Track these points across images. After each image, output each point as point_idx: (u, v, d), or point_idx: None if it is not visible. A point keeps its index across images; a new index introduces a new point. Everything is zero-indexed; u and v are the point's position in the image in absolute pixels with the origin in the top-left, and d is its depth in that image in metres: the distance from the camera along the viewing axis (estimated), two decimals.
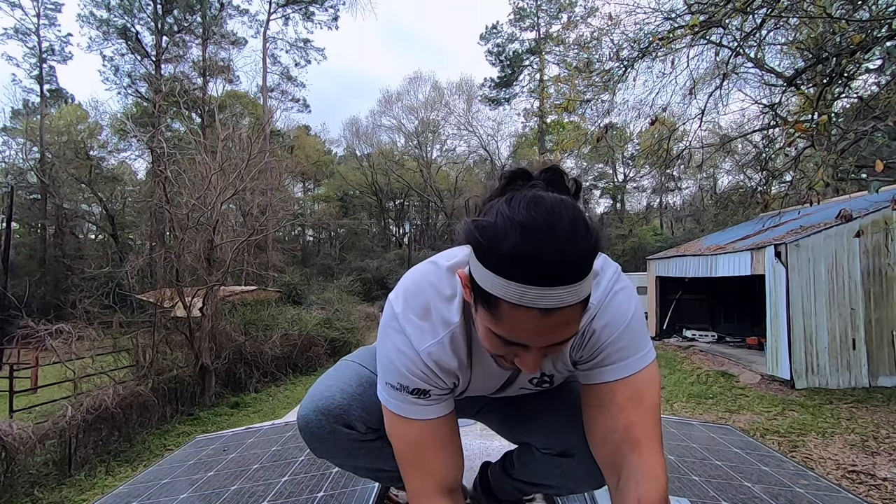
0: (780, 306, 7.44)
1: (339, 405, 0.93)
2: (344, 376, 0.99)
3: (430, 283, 0.83)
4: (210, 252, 9.48)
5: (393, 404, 0.85)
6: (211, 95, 24.60)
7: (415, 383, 0.81)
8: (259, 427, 2.34)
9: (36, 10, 23.92)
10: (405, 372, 0.81)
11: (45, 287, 20.01)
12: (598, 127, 7.55)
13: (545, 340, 0.66)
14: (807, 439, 4.98)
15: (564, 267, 0.60)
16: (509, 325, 0.65)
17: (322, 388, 0.97)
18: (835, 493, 1.46)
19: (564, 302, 0.61)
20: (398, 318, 0.81)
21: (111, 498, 1.62)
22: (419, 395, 0.83)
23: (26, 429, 5.50)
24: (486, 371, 0.87)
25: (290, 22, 28.46)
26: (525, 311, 0.62)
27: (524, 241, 0.60)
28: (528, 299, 0.61)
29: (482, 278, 0.65)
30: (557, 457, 0.96)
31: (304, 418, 0.95)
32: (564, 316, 0.63)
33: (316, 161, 32.40)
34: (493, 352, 0.72)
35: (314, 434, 0.95)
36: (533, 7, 29.27)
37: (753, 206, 10.62)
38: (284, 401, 8.88)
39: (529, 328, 0.64)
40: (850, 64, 4.05)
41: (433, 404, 0.84)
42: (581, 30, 8.07)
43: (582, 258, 0.62)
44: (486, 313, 0.67)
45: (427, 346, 0.79)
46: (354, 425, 0.94)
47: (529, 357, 0.68)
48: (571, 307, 0.63)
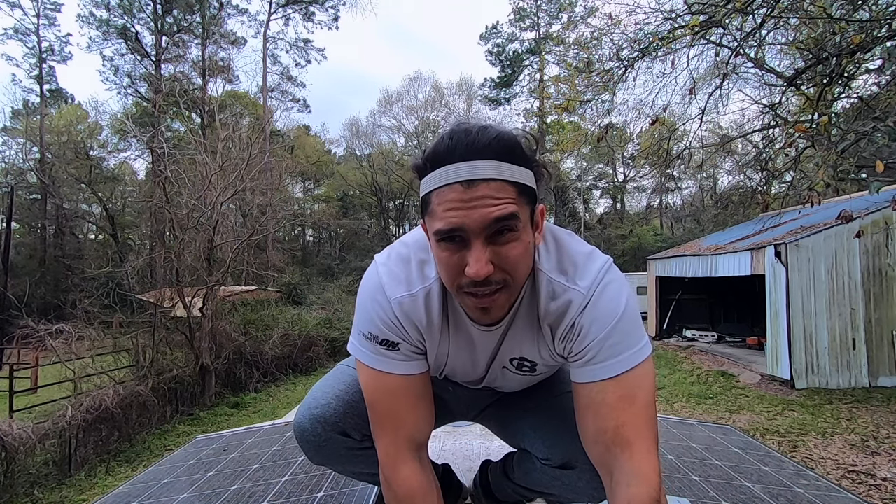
0: (780, 306, 7.44)
1: (335, 413, 0.92)
2: (340, 383, 0.97)
3: (416, 241, 0.86)
4: (210, 252, 9.47)
5: (364, 355, 0.85)
6: (211, 95, 24.60)
7: (384, 333, 0.82)
8: (259, 427, 2.33)
9: (36, 10, 23.93)
10: (376, 320, 0.82)
11: (45, 287, 20.00)
12: (599, 127, 7.55)
13: (475, 216, 0.66)
14: (807, 439, 4.98)
15: (480, 142, 0.66)
16: (442, 213, 0.67)
17: (318, 395, 0.95)
18: (835, 493, 1.46)
19: (485, 174, 0.66)
20: (377, 268, 0.84)
21: (111, 498, 1.61)
22: (388, 347, 0.82)
23: (26, 429, 5.49)
24: (463, 343, 0.86)
25: (290, 22, 28.50)
26: (449, 189, 0.67)
27: (444, 138, 0.69)
28: (449, 176, 0.67)
29: (422, 190, 0.71)
30: (558, 469, 0.94)
31: (299, 426, 0.93)
32: (490, 188, 0.66)
33: (316, 161, 32.39)
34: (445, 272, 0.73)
35: (310, 442, 0.93)
36: (533, 7, 29.27)
37: (754, 207, 10.62)
38: (284, 401, 8.88)
39: (458, 205, 0.66)
40: (850, 64, 4.05)
41: (404, 360, 0.83)
42: (581, 30, 8.07)
43: (499, 140, 0.67)
44: (428, 219, 0.71)
45: (399, 297, 0.80)
46: (350, 433, 0.93)
47: (471, 254, 0.68)
48: (497, 181, 0.66)
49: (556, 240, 0.82)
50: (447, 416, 1.13)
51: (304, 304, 15.76)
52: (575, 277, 0.78)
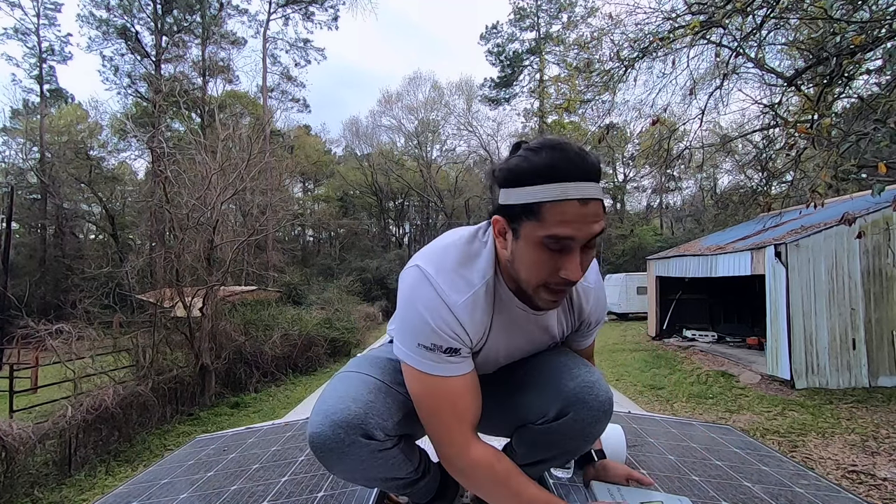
0: (780, 306, 7.44)
1: (357, 415, 0.88)
2: (352, 387, 0.94)
3: (455, 245, 0.93)
4: (210, 252, 9.48)
5: (426, 365, 0.88)
6: (211, 95, 24.61)
7: (448, 342, 0.87)
8: (259, 427, 2.33)
9: (36, 10, 23.95)
10: (440, 331, 0.86)
11: (45, 287, 20.01)
12: (599, 127, 7.56)
13: (585, 231, 0.79)
14: (807, 439, 4.98)
15: (589, 167, 0.79)
16: (554, 222, 0.78)
17: (333, 401, 0.90)
18: (835, 493, 1.46)
19: (596, 194, 0.79)
20: (429, 277, 0.87)
21: (111, 498, 1.62)
22: (452, 354, 0.88)
23: (26, 429, 5.50)
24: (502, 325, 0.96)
25: (290, 22, 28.53)
26: (567, 204, 0.78)
27: (555, 153, 0.79)
28: (568, 192, 0.77)
29: (522, 198, 0.80)
30: (554, 421, 0.96)
31: (319, 435, 0.87)
32: (596, 207, 0.79)
33: (316, 161, 32.39)
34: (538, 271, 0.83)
35: (332, 450, 0.87)
36: (533, 7, 29.29)
37: (754, 207, 10.62)
38: (284, 401, 8.88)
39: (572, 218, 0.78)
40: (851, 64, 4.05)
41: (464, 360, 0.90)
42: (581, 30, 8.08)
43: (597, 164, 0.80)
44: (532, 223, 0.80)
45: (464, 301, 0.87)
46: (374, 434, 0.89)
47: (572, 260, 0.80)
48: (600, 201, 0.80)
49: None
50: None
51: (304, 304, 15.76)
52: (588, 275, 1.01)
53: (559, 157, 0.78)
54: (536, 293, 0.86)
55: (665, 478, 1.48)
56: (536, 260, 0.81)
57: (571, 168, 0.77)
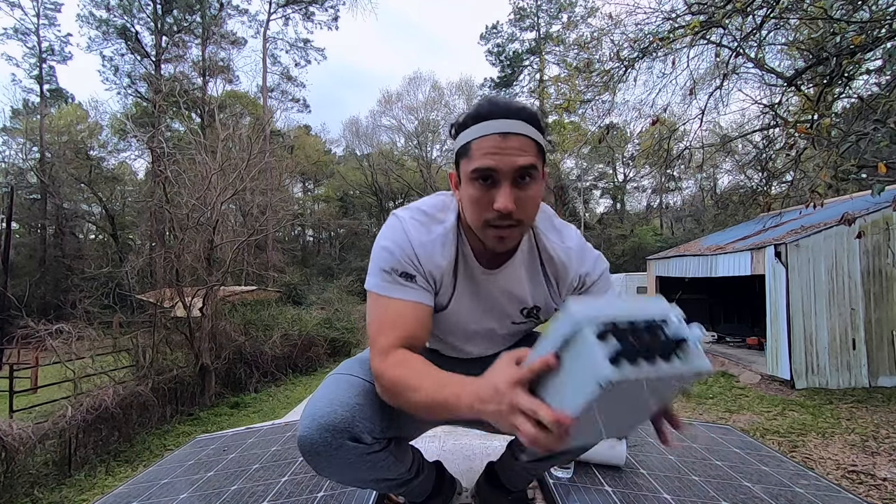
0: (780, 306, 7.44)
1: (343, 419, 0.89)
2: (340, 390, 0.95)
3: (432, 198, 1.05)
4: (210, 252, 9.47)
5: (381, 287, 0.95)
6: (211, 95, 24.59)
7: (404, 266, 0.95)
8: (259, 427, 2.34)
9: (35, 10, 23.93)
10: (397, 255, 0.95)
11: (45, 287, 20.00)
12: (599, 127, 7.56)
13: (507, 162, 0.84)
14: (807, 439, 4.98)
15: (513, 108, 0.87)
16: (479, 156, 0.85)
17: (321, 405, 0.91)
18: (835, 493, 1.47)
19: (517, 128, 0.85)
20: (398, 216, 1.00)
21: (111, 498, 1.62)
22: (406, 278, 0.95)
23: (26, 429, 5.49)
24: (467, 290, 1.01)
25: (290, 22, 28.53)
26: (488, 138, 0.85)
27: (484, 102, 0.89)
28: (489, 128, 0.85)
29: (458, 143, 0.90)
30: None
31: (307, 438, 0.89)
32: (519, 142, 0.85)
33: (316, 161, 32.39)
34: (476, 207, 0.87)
35: (320, 453, 0.90)
36: (533, 7, 29.29)
37: (754, 207, 10.62)
38: (284, 401, 8.88)
39: (492, 150, 0.84)
40: (851, 64, 4.05)
41: (417, 289, 0.95)
42: (581, 30, 8.07)
43: (527, 109, 0.88)
44: (465, 162, 0.89)
45: (420, 238, 0.96)
46: (361, 437, 0.91)
47: (500, 192, 0.84)
48: (525, 137, 0.86)
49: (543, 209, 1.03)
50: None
51: (304, 304, 15.76)
52: (563, 239, 1.03)
53: (486, 103, 0.88)
54: (485, 234, 0.90)
55: (665, 478, 1.48)
56: (472, 196, 0.87)
57: (494, 109, 0.86)
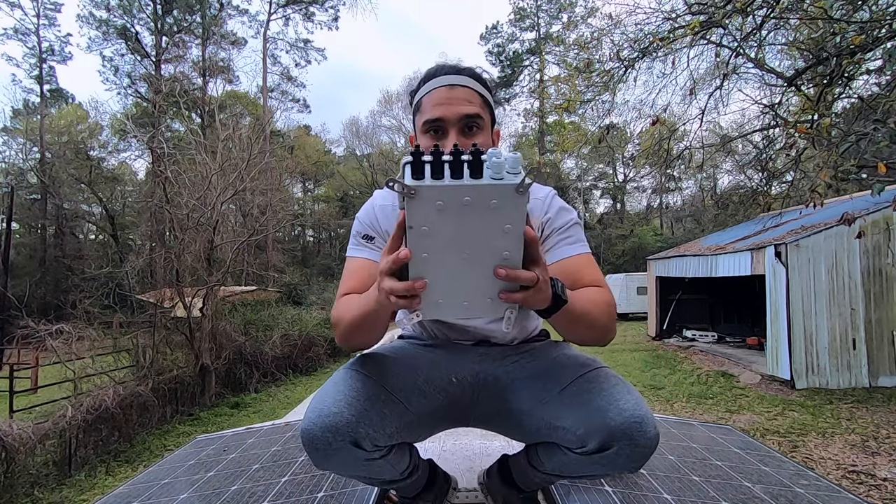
0: (780, 306, 7.44)
1: (348, 423, 0.87)
2: (350, 388, 0.93)
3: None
4: (210, 252, 9.47)
5: (349, 250, 1.10)
6: (211, 95, 24.60)
7: (365, 230, 1.09)
8: (259, 427, 2.33)
9: (36, 10, 23.95)
10: (363, 221, 1.09)
11: (45, 287, 20.01)
12: (599, 127, 7.56)
13: (454, 111, 0.95)
14: (807, 439, 4.98)
15: (460, 67, 1.00)
16: (428, 108, 0.97)
17: (329, 402, 0.90)
18: (835, 493, 1.47)
19: (463, 81, 0.98)
20: (374, 195, 1.14)
21: (111, 498, 1.62)
22: (367, 240, 1.08)
23: (26, 429, 5.49)
24: None
25: (290, 22, 28.54)
26: (435, 91, 0.98)
27: (432, 66, 1.01)
28: (436, 81, 0.98)
29: (414, 101, 1.03)
30: (595, 453, 0.91)
31: (309, 433, 0.88)
32: (465, 92, 0.97)
33: (316, 161, 32.40)
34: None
35: (319, 451, 0.89)
36: (533, 7, 29.30)
37: (754, 207, 10.62)
38: (284, 401, 8.87)
39: (439, 101, 0.96)
40: (851, 65, 4.05)
41: (374, 249, 1.07)
42: (581, 30, 8.07)
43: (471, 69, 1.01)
44: (417, 116, 1.01)
45: (383, 202, 1.09)
46: (362, 444, 0.89)
47: (449, 140, 0.94)
48: (470, 89, 0.98)
49: None
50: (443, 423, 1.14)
51: (304, 305, 15.76)
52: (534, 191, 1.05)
53: (434, 66, 1.00)
54: None
55: (665, 478, 1.48)
56: (425, 147, 0.91)
57: (441, 68, 0.99)
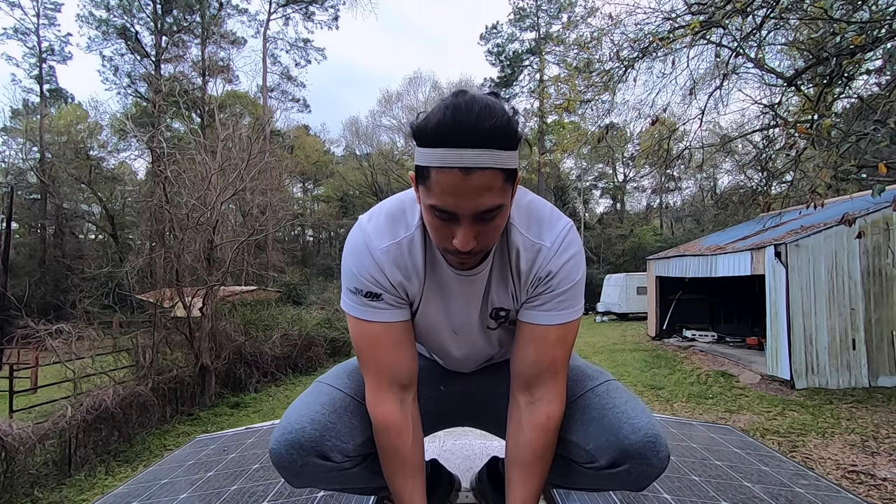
0: (780, 306, 7.44)
1: (311, 437, 0.87)
2: (315, 403, 0.93)
3: (397, 197, 0.95)
4: (210, 252, 9.47)
5: (352, 308, 0.93)
6: (211, 95, 24.59)
7: (368, 287, 0.89)
8: (259, 427, 2.33)
9: (35, 10, 23.96)
10: (360, 276, 0.89)
11: (45, 287, 20.00)
12: (599, 127, 7.56)
13: (468, 205, 0.73)
14: (807, 439, 4.98)
15: (479, 129, 0.69)
16: (438, 191, 0.73)
17: (293, 418, 0.90)
18: (835, 493, 1.46)
19: (482, 163, 0.70)
20: (361, 226, 0.91)
21: (111, 498, 1.61)
22: (372, 298, 0.90)
23: (26, 429, 5.50)
24: (436, 286, 0.93)
25: (290, 22, 28.54)
26: (448, 173, 0.71)
27: (447, 115, 0.70)
28: (449, 160, 0.70)
29: (418, 158, 0.76)
30: (606, 469, 0.90)
31: (275, 452, 0.88)
32: (484, 178, 0.71)
33: (316, 161, 32.40)
34: (435, 236, 0.81)
35: (286, 469, 0.89)
36: (533, 7, 29.28)
37: (754, 207, 10.63)
38: (284, 401, 8.88)
39: (452, 190, 0.72)
40: (851, 64, 4.05)
41: (387, 309, 0.91)
42: (581, 30, 8.06)
43: (496, 128, 0.70)
44: (423, 188, 0.77)
45: (384, 246, 0.88)
46: (329, 456, 0.89)
47: (461, 232, 0.76)
48: (491, 171, 0.72)
49: (524, 196, 0.92)
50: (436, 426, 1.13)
51: (304, 304, 15.75)
52: (541, 234, 0.89)
53: (450, 118, 0.70)
54: (445, 256, 0.86)
55: (665, 478, 1.48)
56: (431, 223, 0.80)
57: (458, 131, 0.69)
